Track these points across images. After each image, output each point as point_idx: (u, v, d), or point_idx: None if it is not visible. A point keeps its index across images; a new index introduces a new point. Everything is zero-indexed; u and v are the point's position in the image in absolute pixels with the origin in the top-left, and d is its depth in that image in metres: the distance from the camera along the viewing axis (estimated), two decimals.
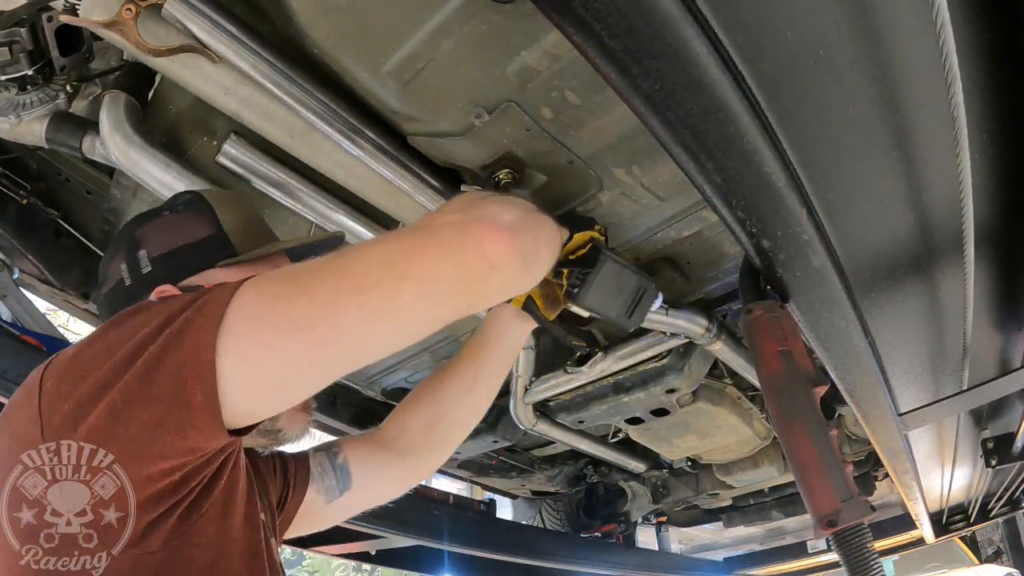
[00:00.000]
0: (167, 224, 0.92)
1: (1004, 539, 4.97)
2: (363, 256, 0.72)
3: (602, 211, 1.43)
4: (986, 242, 1.06)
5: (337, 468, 1.09)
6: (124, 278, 0.88)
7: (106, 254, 0.96)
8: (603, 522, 3.43)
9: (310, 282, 0.69)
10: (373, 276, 0.70)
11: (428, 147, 1.27)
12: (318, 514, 1.08)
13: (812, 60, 0.70)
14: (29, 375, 0.72)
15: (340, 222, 1.36)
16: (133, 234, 0.91)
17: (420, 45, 1.06)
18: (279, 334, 0.67)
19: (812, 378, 1.06)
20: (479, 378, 1.18)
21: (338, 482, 1.08)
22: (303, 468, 1.07)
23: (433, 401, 1.17)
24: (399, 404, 1.20)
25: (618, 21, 0.58)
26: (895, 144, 0.86)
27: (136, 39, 0.99)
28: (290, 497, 1.05)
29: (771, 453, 2.71)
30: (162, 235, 0.90)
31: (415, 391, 1.20)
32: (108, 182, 1.53)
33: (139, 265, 0.88)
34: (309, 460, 1.09)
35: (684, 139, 0.73)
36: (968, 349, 1.35)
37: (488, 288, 0.78)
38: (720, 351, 1.79)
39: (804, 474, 1.03)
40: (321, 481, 1.07)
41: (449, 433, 1.18)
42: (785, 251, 0.95)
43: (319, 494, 1.07)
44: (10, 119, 1.18)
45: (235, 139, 1.23)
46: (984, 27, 0.76)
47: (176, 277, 0.87)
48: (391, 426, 1.17)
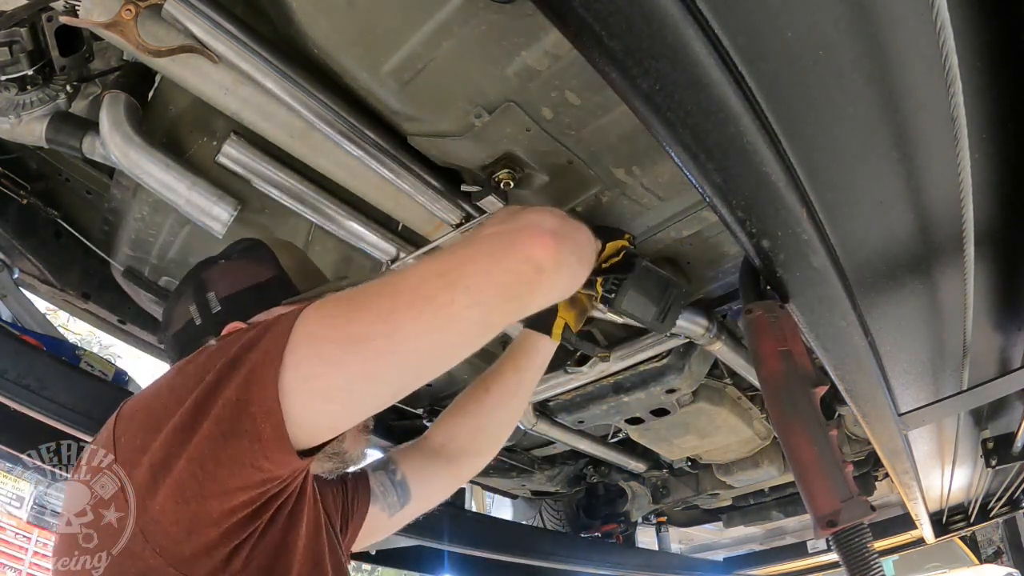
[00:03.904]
0: (232, 268, 1.00)
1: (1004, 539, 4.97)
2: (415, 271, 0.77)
3: (602, 211, 1.43)
4: (986, 242, 1.06)
5: (397, 485, 1.17)
6: (194, 318, 0.95)
7: (169, 300, 1.03)
8: (603, 522, 3.43)
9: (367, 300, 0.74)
10: (426, 288, 0.74)
11: (428, 147, 1.27)
12: (382, 527, 1.16)
13: (812, 60, 0.70)
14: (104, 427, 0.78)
15: (340, 222, 1.36)
16: (199, 277, 0.99)
17: (420, 45, 1.06)
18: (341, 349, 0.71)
19: (812, 378, 1.06)
20: (522, 384, 1.28)
21: (399, 497, 1.17)
22: (364, 489, 1.14)
23: (480, 409, 1.26)
24: (443, 412, 1.28)
25: (618, 21, 0.58)
26: (895, 144, 0.86)
27: (136, 39, 0.99)
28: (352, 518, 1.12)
29: (771, 453, 2.71)
30: (228, 278, 0.98)
31: (459, 400, 1.29)
32: (108, 182, 1.53)
33: (209, 305, 0.95)
34: (369, 480, 1.16)
35: (684, 139, 0.73)
36: (968, 349, 1.35)
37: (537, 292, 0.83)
38: (720, 351, 1.78)
39: (804, 474, 1.03)
40: (384, 499, 1.15)
41: (494, 436, 1.28)
42: (785, 251, 0.95)
43: (383, 511, 1.14)
44: (10, 119, 1.18)
45: (235, 139, 1.22)
46: (984, 27, 0.76)
47: (244, 315, 0.94)
48: (438, 434, 1.25)
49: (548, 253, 0.80)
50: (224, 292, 0.96)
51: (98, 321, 1.91)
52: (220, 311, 0.94)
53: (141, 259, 1.49)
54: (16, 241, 1.58)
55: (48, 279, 1.70)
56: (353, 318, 0.73)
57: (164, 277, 1.52)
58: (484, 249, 0.79)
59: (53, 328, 1.82)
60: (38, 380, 1.26)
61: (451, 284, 0.74)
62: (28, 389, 1.24)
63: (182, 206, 1.21)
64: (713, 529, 4.02)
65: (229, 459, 0.70)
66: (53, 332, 1.78)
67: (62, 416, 1.27)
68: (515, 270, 0.79)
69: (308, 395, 0.71)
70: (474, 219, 1.34)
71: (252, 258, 1.02)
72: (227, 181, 1.27)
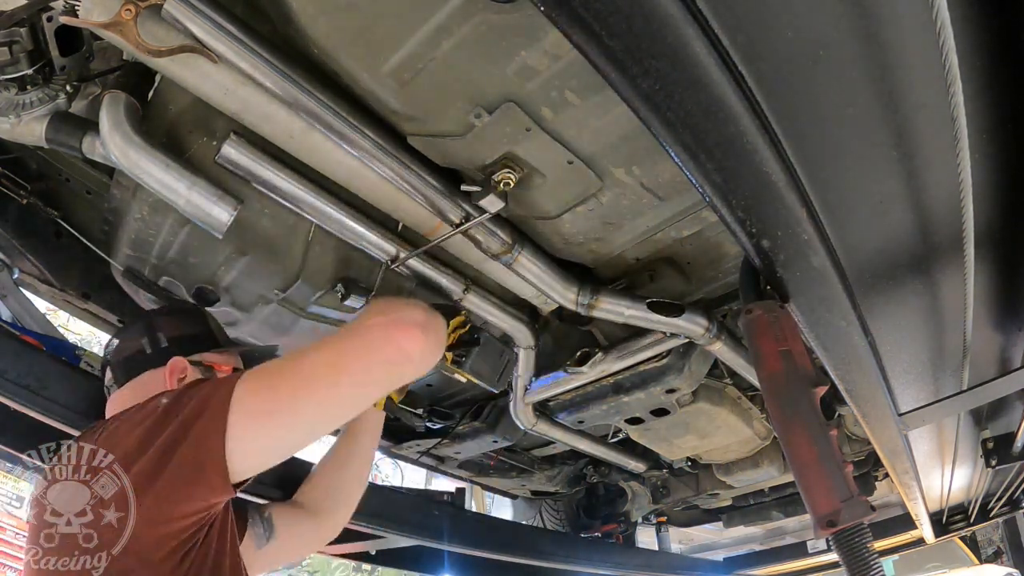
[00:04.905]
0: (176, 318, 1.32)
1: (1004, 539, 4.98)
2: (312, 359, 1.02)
3: (602, 211, 1.43)
4: (986, 242, 1.06)
5: (264, 520, 1.39)
6: (145, 348, 1.23)
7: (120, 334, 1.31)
8: (603, 522, 3.43)
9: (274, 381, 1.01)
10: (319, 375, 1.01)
11: (428, 147, 1.27)
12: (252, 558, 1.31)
13: (812, 60, 0.70)
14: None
15: (340, 222, 1.36)
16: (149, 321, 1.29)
17: (420, 45, 1.06)
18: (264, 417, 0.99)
19: (812, 378, 1.06)
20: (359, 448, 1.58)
21: (264, 531, 1.37)
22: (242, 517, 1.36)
23: (331, 471, 1.56)
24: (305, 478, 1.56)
25: (618, 21, 0.58)
26: (895, 144, 0.86)
27: (136, 39, 0.99)
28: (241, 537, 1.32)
29: (771, 453, 2.71)
30: (173, 324, 1.29)
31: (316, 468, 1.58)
32: (108, 182, 1.53)
33: (159, 341, 1.24)
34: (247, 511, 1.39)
35: (684, 139, 0.73)
36: (968, 349, 1.35)
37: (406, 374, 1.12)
38: (720, 351, 1.78)
39: (804, 474, 1.03)
40: (252, 529, 1.36)
41: (345, 496, 1.55)
42: (785, 251, 0.95)
43: (251, 539, 1.34)
44: (10, 119, 1.17)
45: (235, 139, 1.22)
46: (984, 27, 0.76)
47: (184, 352, 1.23)
48: (300, 494, 1.53)
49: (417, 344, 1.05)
50: (170, 333, 1.26)
51: (98, 321, 1.90)
52: (166, 347, 1.23)
53: (141, 259, 1.48)
54: (16, 241, 1.58)
55: (48, 279, 1.70)
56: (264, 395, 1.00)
57: (164, 277, 1.52)
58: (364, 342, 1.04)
59: (53, 328, 1.81)
60: (38, 380, 1.26)
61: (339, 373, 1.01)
62: (28, 389, 1.24)
63: (182, 206, 1.20)
64: (713, 529, 4.02)
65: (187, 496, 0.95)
66: (53, 332, 1.78)
67: (62, 416, 1.27)
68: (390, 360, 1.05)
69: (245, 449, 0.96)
70: (474, 219, 1.35)
71: (191, 314, 1.36)
72: (227, 181, 1.27)
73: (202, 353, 1.26)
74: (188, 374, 1.21)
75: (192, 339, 1.27)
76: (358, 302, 1.55)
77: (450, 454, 2.55)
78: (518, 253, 1.46)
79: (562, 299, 1.60)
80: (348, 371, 1.02)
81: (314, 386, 1.00)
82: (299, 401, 1.00)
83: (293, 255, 1.47)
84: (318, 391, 1.00)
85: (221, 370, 1.26)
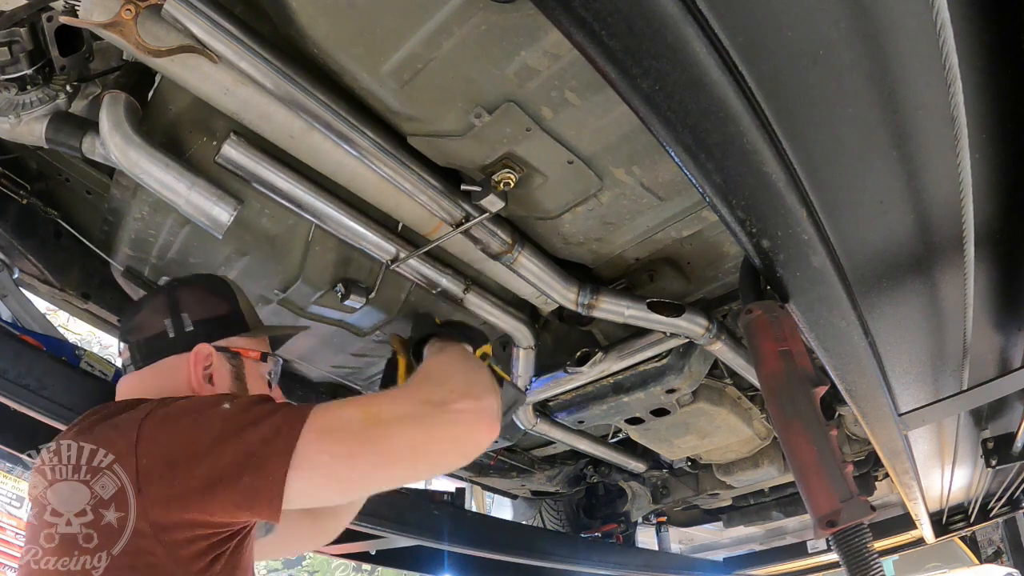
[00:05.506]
0: (202, 296, 1.20)
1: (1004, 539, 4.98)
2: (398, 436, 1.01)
3: (602, 211, 1.43)
4: (986, 242, 1.06)
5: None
6: (167, 331, 1.14)
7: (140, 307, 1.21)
8: (603, 522, 3.43)
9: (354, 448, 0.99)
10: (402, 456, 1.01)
11: (428, 147, 1.27)
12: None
13: (812, 60, 0.70)
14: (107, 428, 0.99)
15: (340, 222, 1.36)
16: (173, 296, 1.18)
17: (420, 45, 1.06)
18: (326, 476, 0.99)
19: (812, 378, 1.06)
20: None
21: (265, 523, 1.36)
22: None
23: None
24: None
25: (618, 21, 0.58)
26: (895, 144, 0.86)
27: (136, 39, 0.99)
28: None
29: (771, 453, 2.71)
30: (200, 304, 1.18)
31: None
32: (108, 182, 1.53)
33: (183, 324, 1.15)
34: None
35: (684, 139, 0.73)
36: (968, 349, 1.35)
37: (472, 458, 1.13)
38: (720, 351, 1.78)
39: (804, 474, 1.03)
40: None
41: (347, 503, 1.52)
42: (785, 251, 0.95)
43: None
44: (10, 119, 1.17)
45: (235, 139, 1.22)
46: (984, 27, 0.76)
47: (210, 338, 1.15)
48: None
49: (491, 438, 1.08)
50: (196, 316, 1.16)
51: (98, 321, 1.90)
52: (192, 331, 1.15)
53: (141, 259, 1.48)
54: (16, 241, 1.57)
55: (48, 279, 1.70)
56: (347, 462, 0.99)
57: (164, 277, 1.52)
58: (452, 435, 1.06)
59: (53, 328, 1.81)
60: (38, 380, 1.26)
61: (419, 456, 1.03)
62: (28, 389, 1.24)
63: (182, 206, 1.20)
64: (713, 529, 4.02)
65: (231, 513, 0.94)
66: (53, 332, 1.77)
67: (62, 416, 1.27)
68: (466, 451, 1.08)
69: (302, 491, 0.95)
70: (474, 219, 1.35)
71: (219, 292, 1.23)
72: (227, 181, 1.27)
73: (229, 338, 1.18)
74: (214, 361, 1.14)
75: (219, 322, 1.18)
76: (358, 302, 1.55)
77: None
78: (518, 253, 1.46)
79: (562, 299, 1.60)
80: (429, 457, 1.06)
81: (394, 466, 1.02)
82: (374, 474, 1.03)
83: (293, 255, 1.47)
84: (395, 470, 1.04)
85: (248, 356, 1.19)
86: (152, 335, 1.15)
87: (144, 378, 1.13)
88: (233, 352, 1.17)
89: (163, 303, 1.17)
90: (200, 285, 1.24)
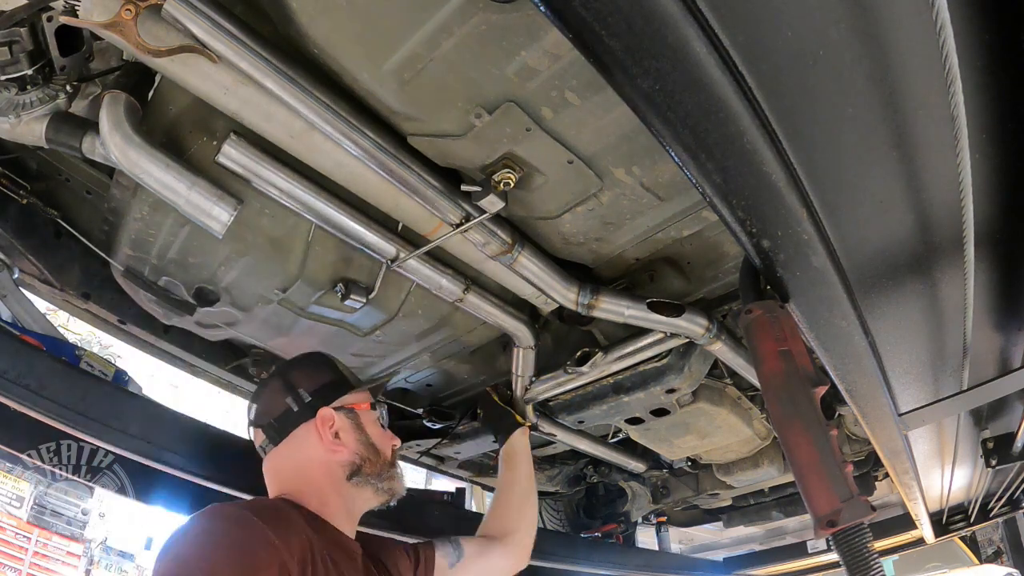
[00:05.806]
0: (310, 371, 1.39)
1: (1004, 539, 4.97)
2: None
3: (602, 211, 1.43)
4: (986, 242, 1.06)
5: (452, 542, 1.58)
6: (292, 406, 1.32)
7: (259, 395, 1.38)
8: (603, 522, 3.43)
9: None
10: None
11: (428, 147, 1.27)
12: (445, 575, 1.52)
13: (812, 60, 0.70)
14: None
15: (340, 222, 1.36)
16: (286, 378, 1.37)
17: (420, 45, 1.06)
18: None
19: (812, 378, 1.06)
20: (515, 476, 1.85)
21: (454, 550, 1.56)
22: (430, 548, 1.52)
23: (498, 502, 1.83)
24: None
25: (618, 21, 0.58)
26: (895, 144, 0.86)
27: (136, 39, 0.99)
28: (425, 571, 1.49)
29: (771, 453, 2.70)
30: (310, 378, 1.37)
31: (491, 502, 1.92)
32: (108, 182, 1.53)
33: (302, 398, 1.33)
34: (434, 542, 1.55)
35: (684, 139, 0.73)
36: (968, 349, 1.35)
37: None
38: (720, 351, 1.78)
39: (804, 474, 1.03)
40: (442, 550, 1.54)
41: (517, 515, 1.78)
42: (785, 251, 0.95)
43: (443, 558, 1.52)
44: (10, 119, 1.17)
45: (235, 139, 1.22)
46: (984, 27, 0.76)
47: (327, 402, 1.34)
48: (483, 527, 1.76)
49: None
50: (310, 388, 1.34)
51: (98, 321, 1.90)
52: (311, 401, 1.33)
53: (141, 259, 1.48)
54: (16, 241, 1.58)
55: (48, 279, 1.70)
56: None
57: (164, 277, 1.52)
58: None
59: (53, 328, 1.81)
60: (38, 380, 1.26)
61: None
62: (28, 389, 1.24)
63: (182, 206, 1.20)
64: (713, 529, 4.02)
65: None
66: (53, 332, 1.78)
67: (62, 416, 1.27)
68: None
69: None
70: (474, 219, 1.35)
71: (320, 363, 1.42)
72: (227, 181, 1.27)
73: (342, 398, 1.36)
74: (336, 420, 1.31)
75: (330, 387, 1.36)
76: (358, 302, 1.55)
77: (450, 454, 2.55)
78: (518, 253, 1.47)
79: (562, 299, 1.60)
80: None
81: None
82: None
83: (293, 255, 1.47)
84: None
85: (361, 408, 1.37)
86: (279, 414, 1.32)
87: (282, 453, 1.31)
88: (348, 408, 1.35)
89: (279, 386, 1.35)
90: (303, 362, 1.43)
